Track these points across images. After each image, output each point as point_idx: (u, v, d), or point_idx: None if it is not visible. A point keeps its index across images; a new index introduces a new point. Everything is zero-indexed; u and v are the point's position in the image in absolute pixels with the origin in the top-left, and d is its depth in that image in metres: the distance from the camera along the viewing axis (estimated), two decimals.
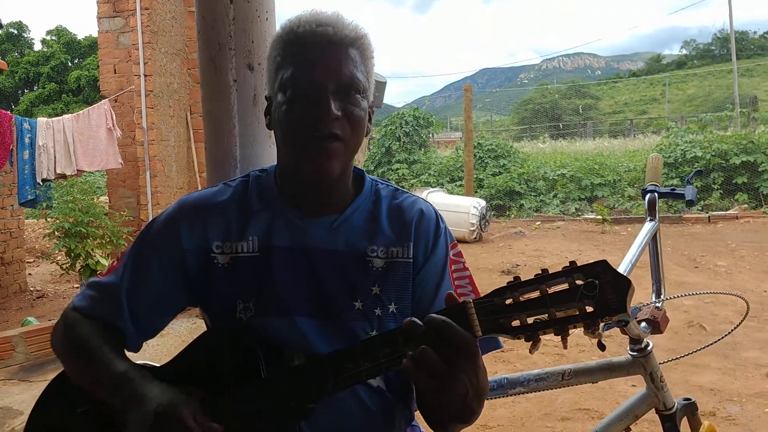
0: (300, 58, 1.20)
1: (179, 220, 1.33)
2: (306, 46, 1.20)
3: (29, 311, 7.24)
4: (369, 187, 1.37)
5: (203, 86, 1.90)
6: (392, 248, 1.30)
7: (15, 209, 8.14)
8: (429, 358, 0.96)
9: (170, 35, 7.17)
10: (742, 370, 4.50)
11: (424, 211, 1.35)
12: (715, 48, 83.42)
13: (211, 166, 1.91)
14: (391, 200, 1.36)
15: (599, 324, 0.97)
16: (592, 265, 0.96)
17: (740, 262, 7.97)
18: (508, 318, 0.99)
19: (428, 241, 1.32)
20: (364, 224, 1.32)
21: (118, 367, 1.23)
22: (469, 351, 0.98)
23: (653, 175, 2.01)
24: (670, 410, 1.85)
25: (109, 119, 6.67)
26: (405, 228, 1.32)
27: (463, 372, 0.98)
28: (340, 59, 1.20)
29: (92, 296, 1.35)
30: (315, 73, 1.19)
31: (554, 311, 0.97)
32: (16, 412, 4.51)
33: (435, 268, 1.31)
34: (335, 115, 1.18)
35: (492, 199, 14.49)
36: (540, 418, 3.92)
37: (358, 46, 1.23)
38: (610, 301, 0.94)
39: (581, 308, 0.95)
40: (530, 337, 0.99)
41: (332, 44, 1.20)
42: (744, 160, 12.68)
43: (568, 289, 0.96)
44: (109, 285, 1.34)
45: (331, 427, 1.24)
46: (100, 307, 1.33)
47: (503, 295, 1.00)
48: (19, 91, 40.46)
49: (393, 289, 1.28)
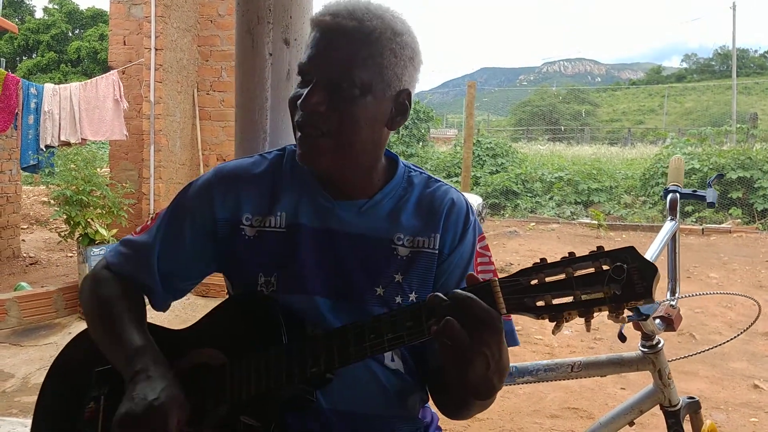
0: (310, 45, 1.22)
1: (214, 187, 1.35)
2: (316, 34, 1.21)
3: (21, 277, 7.22)
4: (402, 173, 1.37)
5: (238, 58, 1.91)
6: (418, 238, 1.31)
7: (13, 174, 8.11)
8: (453, 329, 0.97)
9: (183, 10, 7.14)
10: (729, 380, 4.57)
11: (455, 201, 1.35)
12: (715, 63, 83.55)
13: (240, 137, 1.92)
14: (423, 188, 1.36)
15: (624, 308, 0.98)
16: (620, 251, 0.97)
17: (731, 275, 8.04)
18: (532, 298, 1.00)
19: (456, 232, 1.33)
20: (393, 211, 1.32)
21: (136, 340, 1.24)
22: (493, 325, 0.99)
23: (675, 176, 2.04)
24: (675, 407, 1.88)
25: (117, 90, 6.64)
26: (433, 218, 1.32)
27: (486, 346, 0.99)
28: (341, 52, 1.18)
29: (125, 254, 1.37)
30: (310, 61, 1.20)
31: (580, 293, 0.98)
32: (6, 375, 4.53)
33: (461, 260, 1.32)
34: (312, 108, 1.18)
35: (488, 197, 14.50)
36: (529, 414, 3.96)
37: (377, 41, 1.19)
38: (637, 286, 0.95)
39: (607, 292, 0.96)
40: (555, 318, 0.99)
41: (340, 36, 1.18)
42: (740, 175, 12.74)
43: (594, 273, 0.97)
44: (142, 244, 1.36)
45: (348, 403, 1.26)
46: (132, 265, 1.35)
47: (529, 275, 1.01)
48: (17, 58, 40.04)
49: (415, 279, 1.29)
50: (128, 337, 1.24)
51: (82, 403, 1.30)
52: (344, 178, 1.30)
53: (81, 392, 1.31)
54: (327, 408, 1.25)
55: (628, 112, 73.00)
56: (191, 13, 7.36)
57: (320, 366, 1.13)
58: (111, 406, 1.26)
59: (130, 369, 1.18)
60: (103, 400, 1.28)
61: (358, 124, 1.20)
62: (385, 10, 1.23)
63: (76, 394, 1.32)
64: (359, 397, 1.27)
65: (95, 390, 1.30)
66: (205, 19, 7.52)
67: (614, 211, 13.64)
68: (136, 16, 7.41)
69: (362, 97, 1.19)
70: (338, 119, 1.19)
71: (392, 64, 1.21)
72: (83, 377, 1.33)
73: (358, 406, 1.27)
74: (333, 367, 1.13)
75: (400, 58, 1.22)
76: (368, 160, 1.30)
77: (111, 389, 1.29)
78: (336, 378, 1.20)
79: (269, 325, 1.21)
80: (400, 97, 1.26)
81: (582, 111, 57.00)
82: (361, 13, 1.19)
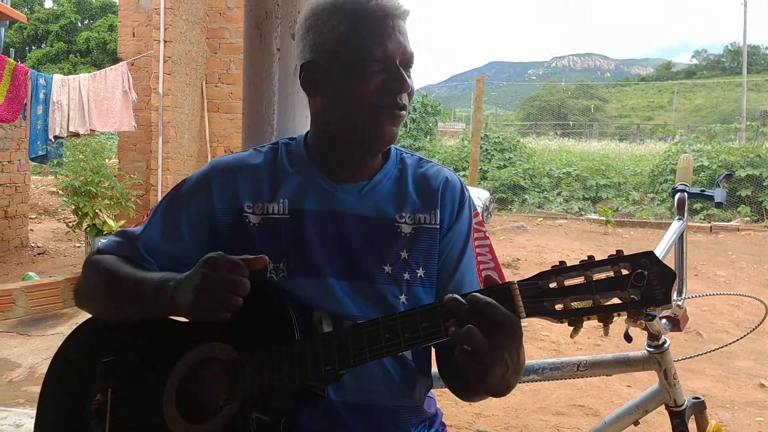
0: (374, 31, 1.24)
1: (211, 179, 1.36)
2: (377, 20, 1.24)
3: (29, 266, 7.25)
4: (395, 155, 1.41)
5: (246, 52, 1.91)
6: (419, 214, 1.34)
7: (22, 164, 8.14)
8: (473, 336, 0.98)
9: (192, 2, 7.14)
10: (735, 379, 4.56)
11: (449, 179, 1.39)
12: (725, 60, 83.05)
13: (248, 131, 1.92)
14: (416, 168, 1.40)
15: (643, 313, 0.99)
16: (639, 256, 0.98)
17: (739, 273, 8.00)
18: (551, 301, 1.00)
19: (453, 208, 1.36)
20: (392, 191, 1.36)
21: (153, 276, 1.26)
22: (513, 331, 1.00)
23: (683, 175, 2.02)
24: (680, 407, 1.88)
25: (126, 81, 6.65)
26: (431, 195, 1.36)
27: (506, 351, 1.00)
28: (404, 34, 1.27)
29: (118, 242, 1.39)
30: (389, 47, 1.24)
31: (599, 298, 0.98)
32: (14, 364, 4.55)
33: (459, 235, 1.35)
34: (408, 88, 1.26)
35: (495, 192, 14.48)
36: (534, 411, 3.96)
37: (406, 21, 1.29)
38: (656, 291, 0.96)
39: (626, 297, 0.97)
40: (574, 322, 1.00)
41: (397, 19, 1.25)
42: (749, 173, 12.69)
43: (613, 277, 0.98)
44: (136, 235, 1.37)
45: (356, 395, 1.27)
46: (126, 251, 1.36)
47: (547, 278, 1.01)
48: (26, 48, 40.12)
49: (420, 255, 1.32)
50: (145, 278, 1.26)
51: (89, 395, 1.29)
52: (363, 159, 1.34)
53: (86, 383, 1.30)
54: (336, 401, 1.26)
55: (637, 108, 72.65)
56: (200, 5, 7.35)
57: (335, 365, 1.13)
58: (119, 398, 1.26)
59: (165, 293, 1.21)
60: (110, 392, 1.27)
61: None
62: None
63: (82, 385, 1.31)
64: (367, 387, 1.27)
65: (102, 382, 1.29)
66: (213, 11, 7.52)
67: (622, 207, 13.60)
68: (145, 8, 7.42)
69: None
70: (409, 96, 1.29)
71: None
72: (88, 368, 1.31)
73: (366, 397, 1.28)
74: (347, 366, 1.13)
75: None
76: None
77: (119, 381, 1.28)
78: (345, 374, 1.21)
79: (280, 321, 1.21)
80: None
81: (591, 106, 56.79)
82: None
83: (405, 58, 1.26)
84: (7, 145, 7.75)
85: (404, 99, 1.26)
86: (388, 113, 1.25)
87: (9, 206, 7.92)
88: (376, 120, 1.25)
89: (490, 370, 1.00)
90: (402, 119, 1.28)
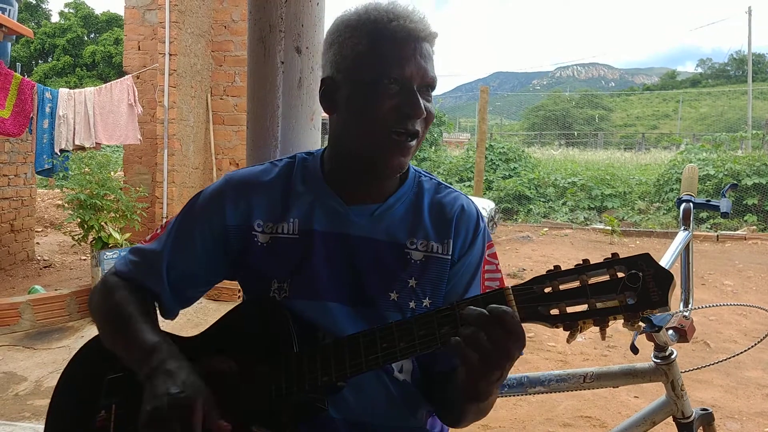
0: (394, 53, 1.20)
1: (224, 196, 1.35)
2: (399, 41, 1.20)
3: (36, 280, 7.27)
4: (412, 178, 1.38)
5: (250, 66, 1.92)
6: (432, 243, 1.31)
7: (28, 177, 8.17)
8: (480, 341, 0.98)
9: (197, 16, 7.18)
10: (744, 389, 4.52)
11: (465, 208, 1.36)
12: (730, 68, 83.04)
13: (252, 145, 1.92)
14: (433, 194, 1.37)
15: (639, 316, 0.97)
16: (635, 258, 0.98)
17: (747, 282, 7.96)
18: (546, 306, 1.00)
19: (466, 239, 1.33)
20: (405, 216, 1.33)
21: (150, 338, 1.23)
22: (522, 339, 0.99)
23: (689, 185, 2.02)
24: (688, 419, 1.87)
25: (131, 95, 6.67)
26: (445, 224, 1.33)
27: (510, 358, 1.00)
28: (426, 57, 1.22)
29: (134, 261, 1.37)
30: (407, 70, 1.20)
31: (594, 302, 0.98)
32: (20, 377, 4.55)
33: (468, 267, 1.32)
34: (422, 114, 1.21)
35: (500, 202, 14.47)
36: (541, 422, 3.94)
37: (433, 43, 1.25)
38: (652, 294, 0.95)
39: (622, 300, 0.96)
40: (569, 327, 1.00)
41: (420, 41, 1.22)
42: (756, 181, 12.63)
43: (609, 281, 0.97)
44: (151, 252, 1.36)
45: (358, 414, 1.26)
46: (141, 273, 1.35)
47: (542, 283, 1.01)
48: (33, 62, 40.41)
49: (429, 284, 1.29)
50: (143, 336, 1.23)
51: (94, 411, 1.29)
52: (378, 181, 1.31)
53: (93, 399, 1.31)
54: (337, 418, 1.25)
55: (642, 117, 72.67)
56: (205, 19, 7.39)
57: (331, 375, 1.13)
58: (122, 415, 1.27)
59: (147, 366, 1.17)
60: (115, 408, 1.28)
61: (430, 125, 1.28)
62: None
63: (88, 401, 1.32)
64: (369, 407, 1.27)
65: (107, 398, 1.30)
66: (218, 24, 7.56)
67: (628, 217, 13.55)
68: (150, 22, 7.46)
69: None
70: (426, 122, 1.25)
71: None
72: (95, 384, 1.32)
73: (368, 416, 1.27)
74: (344, 376, 1.13)
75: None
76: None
77: (123, 398, 1.29)
78: (346, 388, 1.20)
79: (280, 333, 1.21)
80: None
81: (595, 116, 56.84)
82: (421, 16, 1.23)
83: (425, 82, 1.22)
84: (14, 159, 7.78)
85: (417, 125, 1.22)
86: (397, 142, 1.22)
87: (15, 219, 7.94)
88: (384, 146, 1.22)
89: (487, 376, 1.00)
90: (412, 149, 1.24)
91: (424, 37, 1.22)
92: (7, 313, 5.46)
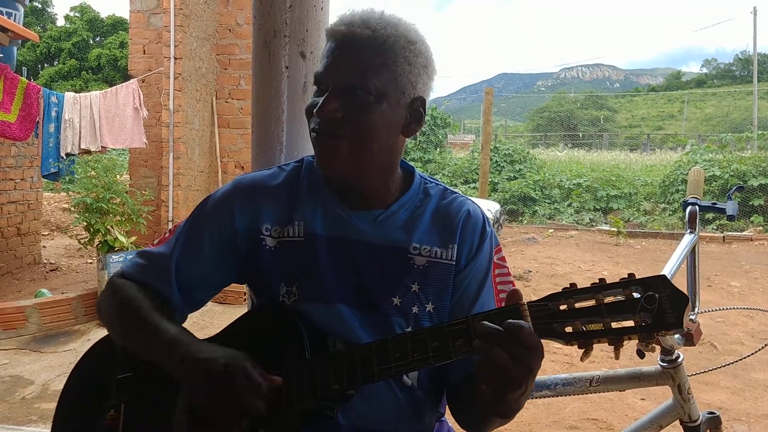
0: (325, 55, 1.23)
1: (234, 200, 1.35)
2: (332, 44, 1.22)
3: (42, 283, 7.29)
4: (418, 184, 1.37)
5: (254, 71, 1.92)
6: (435, 248, 1.31)
7: (34, 181, 8.20)
8: (501, 358, 0.96)
9: (202, 20, 7.19)
10: (751, 391, 4.51)
11: (471, 213, 1.35)
12: (735, 68, 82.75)
13: (257, 149, 1.92)
14: (439, 200, 1.37)
15: (655, 337, 0.98)
16: (651, 279, 0.97)
17: (753, 283, 7.94)
18: (561, 323, 1.00)
19: (473, 244, 1.32)
20: (409, 221, 1.33)
21: (169, 329, 1.23)
22: (540, 353, 0.98)
23: (694, 188, 2.01)
24: (695, 423, 1.86)
25: (137, 98, 6.69)
26: (450, 229, 1.32)
27: (532, 374, 0.99)
28: (356, 60, 1.20)
29: (142, 264, 1.37)
30: (326, 70, 1.22)
31: (609, 321, 0.97)
32: (26, 381, 4.56)
33: (478, 272, 1.32)
34: (329, 114, 1.19)
35: (506, 204, 14.46)
36: (548, 425, 3.93)
37: (391, 50, 1.21)
38: (668, 315, 0.95)
39: (638, 321, 0.96)
40: (584, 345, 0.99)
41: (354, 45, 1.20)
42: (762, 182, 12.60)
43: (624, 301, 0.97)
44: (159, 255, 1.36)
45: (365, 420, 1.26)
46: (149, 275, 1.35)
47: (558, 300, 1.01)
48: (39, 65, 40.50)
49: (432, 289, 1.29)
50: (164, 327, 1.23)
51: (103, 411, 1.30)
52: (361, 186, 1.30)
53: (101, 400, 1.32)
54: (344, 425, 1.25)
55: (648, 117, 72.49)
56: (210, 23, 7.41)
57: (342, 384, 1.13)
58: (131, 414, 1.28)
59: (174, 355, 1.18)
60: (124, 407, 1.29)
61: (373, 130, 1.21)
62: (399, 19, 1.24)
63: (96, 402, 1.32)
64: (377, 413, 1.27)
65: (115, 398, 1.31)
66: (223, 28, 7.57)
67: (634, 218, 13.53)
68: (155, 26, 7.48)
69: (377, 104, 1.20)
70: (354, 125, 1.20)
71: (406, 72, 1.23)
72: (103, 385, 1.33)
73: (376, 422, 1.27)
74: (356, 386, 1.13)
75: (413, 66, 1.23)
76: (384, 167, 1.30)
77: (131, 397, 1.30)
78: (355, 395, 1.20)
79: (292, 339, 1.21)
80: (415, 104, 1.27)
81: (600, 117, 56.72)
82: (375, 23, 1.21)
83: (339, 83, 1.20)
84: (20, 163, 7.81)
85: (330, 126, 1.21)
86: (314, 141, 1.24)
87: (22, 223, 7.97)
88: (313, 142, 1.26)
89: (510, 390, 0.99)
90: (332, 147, 1.22)
91: (359, 42, 1.20)
92: (14, 316, 5.48)
